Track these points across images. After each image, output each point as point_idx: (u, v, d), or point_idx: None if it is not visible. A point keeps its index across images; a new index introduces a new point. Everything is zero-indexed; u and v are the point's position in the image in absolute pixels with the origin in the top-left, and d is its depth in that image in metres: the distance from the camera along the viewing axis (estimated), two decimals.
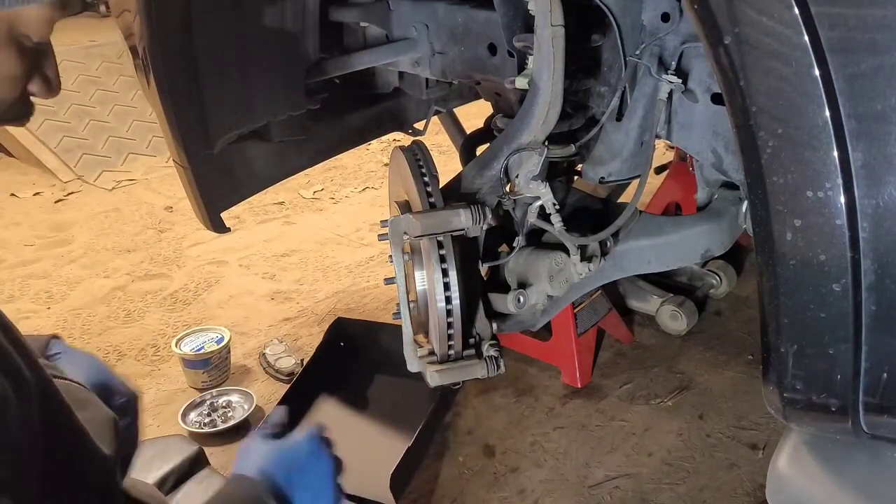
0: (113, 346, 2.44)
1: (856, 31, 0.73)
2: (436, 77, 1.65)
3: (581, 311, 2.09)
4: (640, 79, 1.25)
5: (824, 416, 0.89)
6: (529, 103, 1.19)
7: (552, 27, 1.10)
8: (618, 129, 1.31)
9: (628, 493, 1.75)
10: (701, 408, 2.02)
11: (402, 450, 1.74)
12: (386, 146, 4.15)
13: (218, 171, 1.73)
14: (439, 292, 1.22)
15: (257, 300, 2.71)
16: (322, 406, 2.06)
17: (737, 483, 1.76)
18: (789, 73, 0.76)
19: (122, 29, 1.64)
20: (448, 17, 1.52)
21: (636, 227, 1.30)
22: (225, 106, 1.62)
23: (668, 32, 1.17)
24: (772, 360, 0.90)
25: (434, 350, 1.30)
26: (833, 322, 0.82)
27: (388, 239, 1.29)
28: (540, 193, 1.26)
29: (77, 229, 3.40)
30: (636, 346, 2.29)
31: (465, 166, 1.36)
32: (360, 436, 1.96)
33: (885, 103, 0.73)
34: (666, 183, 2.61)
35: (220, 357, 2.20)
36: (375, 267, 2.89)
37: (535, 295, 1.39)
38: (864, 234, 0.76)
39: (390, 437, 1.93)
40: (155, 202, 3.67)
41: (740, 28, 0.78)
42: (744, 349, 2.24)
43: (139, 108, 4.44)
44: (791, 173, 0.79)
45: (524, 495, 1.77)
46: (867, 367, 0.82)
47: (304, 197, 3.63)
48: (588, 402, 2.06)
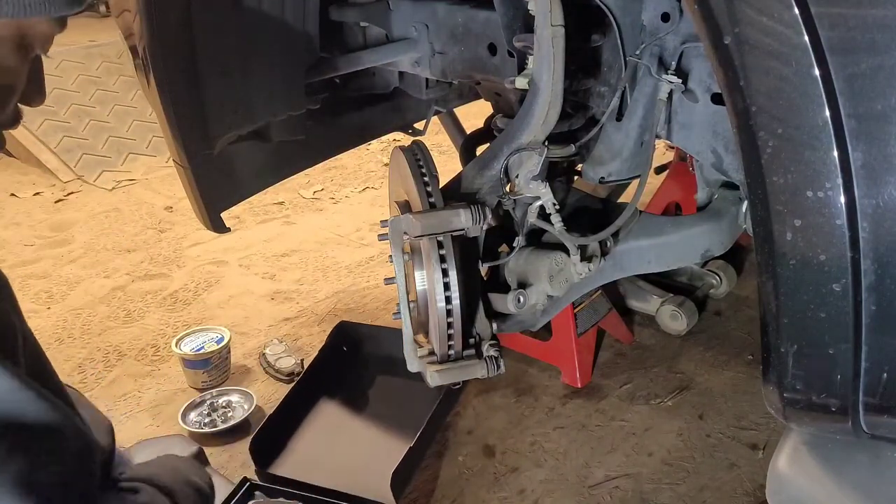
0: (113, 346, 2.44)
1: (856, 31, 0.73)
2: (436, 77, 1.65)
3: (581, 311, 2.09)
4: (640, 79, 1.25)
5: (824, 416, 0.89)
6: (529, 103, 1.19)
7: (552, 27, 1.10)
8: (618, 129, 1.31)
9: (628, 493, 1.75)
10: (701, 408, 2.02)
11: (403, 450, 1.74)
12: (386, 146, 4.15)
13: (218, 171, 1.73)
14: (439, 292, 1.22)
15: (257, 300, 2.71)
16: (323, 407, 2.06)
17: (737, 483, 1.76)
18: (789, 73, 0.76)
19: (122, 29, 1.64)
20: (448, 17, 1.52)
21: (636, 227, 1.30)
22: (225, 106, 1.62)
23: (668, 32, 1.17)
24: (772, 360, 0.90)
25: (434, 350, 1.30)
26: (833, 322, 0.82)
27: (388, 239, 1.29)
28: (540, 193, 1.26)
29: (77, 229, 3.40)
30: (636, 346, 2.29)
31: (465, 166, 1.36)
32: (361, 436, 1.96)
33: (885, 103, 0.73)
34: (666, 183, 2.61)
35: (220, 357, 2.20)
36: (375, 267, 2.89)
37: (535, 295, 1.39)
38: (864, 234, 0.76)
39: (392, 438, 1.93)
40: (155, 202, 3.67)
41: (740, 28, 0.78)
42: (744, 349, 2.24)
43: (139, 108, 4.44)
44: (791, 173, 0.79)
45: (524, 495, 1.77)
46: (867, 367, 0.82)
47: (304, 197, 3.63)
48: (588, 402, 2.06)
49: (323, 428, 1.99)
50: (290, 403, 1.97)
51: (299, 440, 1.94)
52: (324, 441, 1.94)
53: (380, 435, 1.96)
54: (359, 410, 2.07)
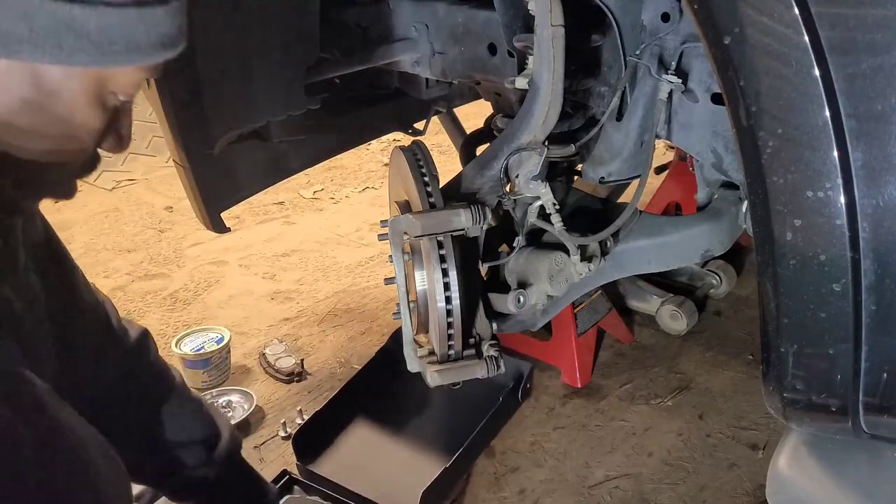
0: None
1: (856, 31, 0.73)
2: (436, 77, 1.65)
3: (581, 311, 2.09)
4: (640, 79, 1.25)
5: (824, 416, 0.89)
6: (529, 103, 1.19)
7: (552, 27, 1.10)
8: (618, 129, 1.31)
9: (628, 493, 1.75)
10: (701, 408, 2.02)
11: (441, 468, 1.71)
12: (386, 146, 4.15)
13: (218, 171, 1.73)
14: (439, 292, 1.22)
15: (257, 300, 2.71)
16: (370, 412, 2.01)
17: (737, 483, 1.76)
18: (789, 73, 0.76)
19: None
20: (448, 17, 1.52)
21: (636, 227, 1.30)
22: (225, 106, 1.62)
23: (668, 32, 1.17)
24: (772, 360, 0.90)
25: (434, 350, 1.30)
26: (833, 322, 0.82)
27: (388, 239, 1.29)
28: (540, 193, 1.26)
29: (77, 229, 3.40)
30: (636, 346, 2.29)
31: (465, 166, 1.36)
32: (403, 447, 1.93)
33: (885, 103, 0.73)
34: (666, 183, 2.61)
35: (220, 357, 2.20)
36: (375, 267, 2.89)
37: (535, 295, 1.39)
38: (864, 234, 0.76)
39: (433, 453, 1.88)
40: (155, 202, 3.67)
41: (740, 28, 0.78)
42: (744, 349, 2.24)
43: (139, 108, 4.42)
44: (791, 173, 0.79)
45: (524, 495, 1.77)
46: (867, 367, 0.82)
47: (304, 197, 3.63)
48: (588, 402, 2.06)
49: (367, 433, 1.96)
50: (337, 403, 1.95)
51: (342, 441, 1.91)
52: (366, 446, 1.92)
53: (422, 448, 1.92)
54: (405, 420, 2.01)
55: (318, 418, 1.88)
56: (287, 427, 2.00)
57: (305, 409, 2.07)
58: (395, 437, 1.96)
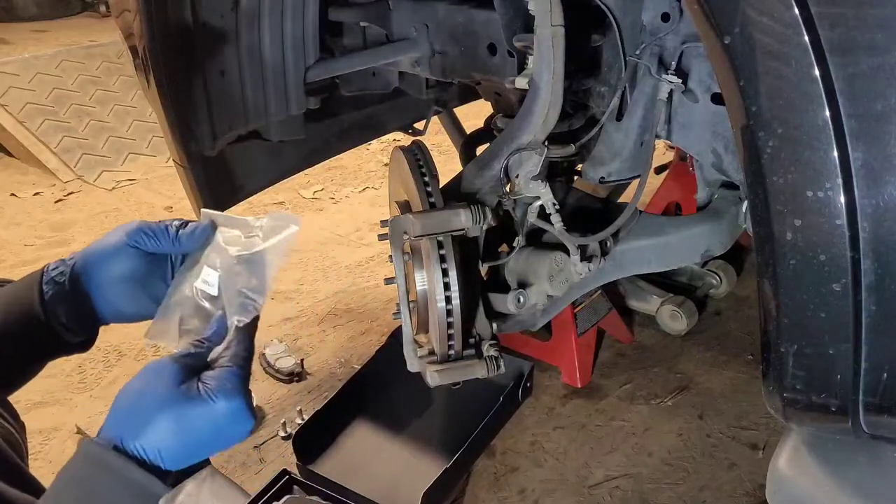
0: (113, 346, 2.44)
1: (856, 31, 0.73)
2: (436, 77, 1.64)
3: (581, 311, 2.09)
4: (640, 79, 1.25)
5: (824, 416, 0.89)
6: (529, 103, 1.19)
7: (552, 27, 1.10)
8: (618, 129, 1.31)
9: (628, 493, 1.75)
10: (701, 408, 2.02)
11: (441, 468, 1.71)
12: (386, 146, 4.15)
13: (218, 171, 1.73)
14: (439, 292, 1.22)
15: None
16: (371, 411, 2.01)
17: (737, 483, 1.76)
18: (789, 73, 0.76)
19: (121, 29, 1.64)
20: (448, 17, 1.52)
21: (636, 227, 1.30)
22: (225, 106, 1.62)
23: (668, 32, 1.17)
24: (772, 360, 0.90)
25: (434, 350, 1.30)
26: (833, 322, 0.82)
27: (388, 239, 1.29)
28: (540, 193, 1.26)
29: (77, 229, 3.40)
30: (636, 346, 2.29)
31: (465, 166, 1.36)
32: (404, 447, 1.92)
33: (885, 103, 0.73)
34: (666, 183, 2.61)
35: None
36: (375, 267, 2.89)
37: (535, 295, 1.39)
38: (864, 234, 0.76)
39: (433, 454, 1.88)
40: (155, 202, 3.67)
41: (740, 28, 0.78)
42: (744, 349, 2.24)
43: (139, 108, 4.44)
44: (791, 173, 0.79)
45: (524, 495, 1.77)
46: (867, 367, 0.82)
47: (304, 197, 3.63)
48: (588, 402, 2.06)
49: (367, 433, 1.96)
50: (337, 403, 1.95)
51: (342, 441, 1.91)
52: (366, 446, 1.91)
53: (422, 448, 1.92)
54: (405, 420, 2.01)
55: (318, 418, 1.88)
56: (287, 427, 2.00)
57: (305, 409, 2.07)
58: (395, 437, 1.95)
